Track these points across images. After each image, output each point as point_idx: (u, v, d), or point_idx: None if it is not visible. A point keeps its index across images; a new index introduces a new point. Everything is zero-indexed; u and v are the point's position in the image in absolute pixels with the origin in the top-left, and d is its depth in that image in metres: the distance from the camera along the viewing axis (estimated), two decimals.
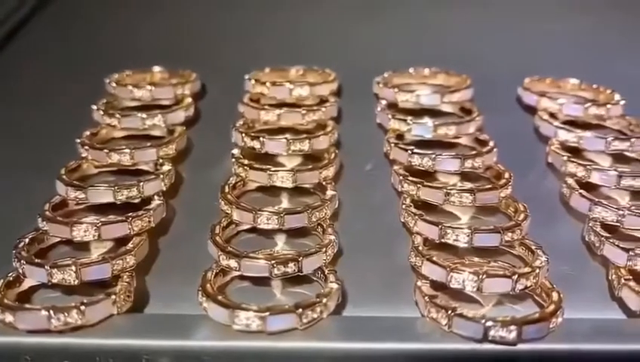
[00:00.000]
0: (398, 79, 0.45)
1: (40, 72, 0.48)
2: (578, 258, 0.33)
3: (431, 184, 0.34)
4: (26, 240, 0.31)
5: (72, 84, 0.46)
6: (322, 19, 0.56)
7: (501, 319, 0.27)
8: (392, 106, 0.42)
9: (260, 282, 0.30)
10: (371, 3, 0.58)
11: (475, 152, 0.37)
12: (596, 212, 0.33)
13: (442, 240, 0.31)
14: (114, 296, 0.28)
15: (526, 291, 0.29)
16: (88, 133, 0.38)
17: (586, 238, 0.33)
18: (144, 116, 0.39)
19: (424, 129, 0.39)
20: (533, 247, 0.31)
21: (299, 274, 0.29)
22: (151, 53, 0.50)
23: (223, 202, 0.33)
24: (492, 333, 0.26)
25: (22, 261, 0.29)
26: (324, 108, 0.40)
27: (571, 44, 0.52)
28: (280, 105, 0.41)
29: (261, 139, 0.36)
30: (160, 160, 0.37)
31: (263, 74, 0.45)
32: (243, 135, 0.37)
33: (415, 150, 0.36)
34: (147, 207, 0.33)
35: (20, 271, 0.29)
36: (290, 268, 0.29)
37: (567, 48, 0.52)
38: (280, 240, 0.33)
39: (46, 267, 0.29)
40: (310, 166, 0.36)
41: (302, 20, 0.55)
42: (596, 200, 0.33)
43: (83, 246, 0.32)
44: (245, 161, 0.35)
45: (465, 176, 0.37)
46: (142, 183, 0.34)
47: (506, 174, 0.35)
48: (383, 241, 0.34)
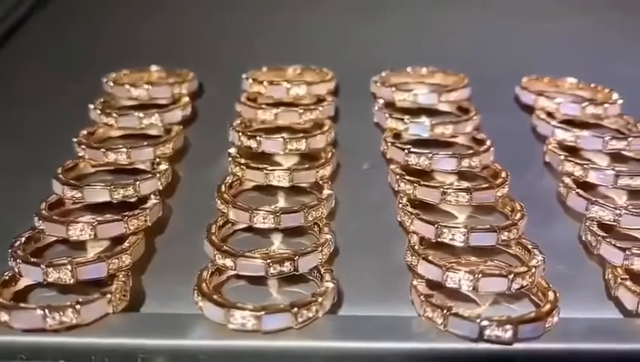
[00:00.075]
0: (396, 78, 0.45)
1: (38, 72, 0.48)
2: (575, 257, 0.33)
3: (427, 183, 0.34)
4: (22, 239, 0.31)
5: (70, 84, 0.46)
6: (320, 18, 0.56)
7: (497, 318, 0.27)
8: (390, 105, 0.42)
9: (256, 281, 0.30)
10: (369, 2, 0.58)
11: (472, 151, 0.37)
12: (593, 211, 0.33)
13: (438, 239, 0.31)
14: (109, 295, 0.28)
15: (522, 290, 0.29)
16: (85, 133, 0.38)
17: (583, 238, 0.33)
18: (141, 115, 0.39)
19: (421, 128, 0.39)
20: (529, 247, 0.31)
21: (295, 273, 0.29)
22: (149, 52, 0.50)
23: (220, 201, 0.33)
24: (487, 333, 0.26)
25: (18, 260, 0.29)
26: (321, 107, 0.40)
27: (571, 44, 0.52)
28: (277, 104, 0.41)
29: (258, 138, 0.36)
30: (157, 159, 0.36)
31: (261, 73, 0.45)
32: (240, 134, 0.37)
33: (412, 149, 0.36)
34: (143, 206, 0.33)
35: (16, 270, 0.29)
36: (286, 267, 0.29)
37: (566, 48, 0.52)
38: (276, 239, 0.33)
39: (42, 266, 0.29)
40: (307, 165, 0.36)
41: (299, 20, 0.55)
42: (593, 199, 0.33)
43: (79, 245, 0.32)
44: (242, 160, 0.35)
45: (462, 176, 0.37)
46: (138, 182, 0.34)
47: (503, 173, 0.35)
48: (380, 240, 0.34)
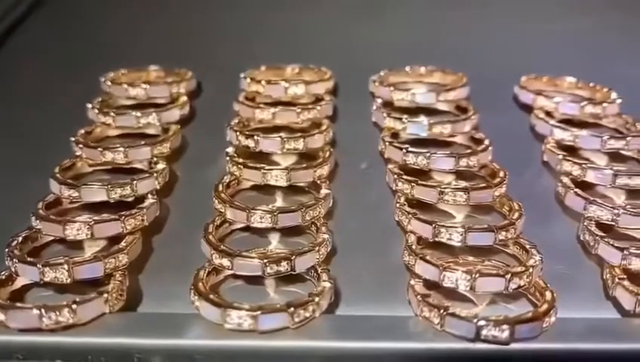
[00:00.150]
0: (394, 77, 0.45)
1: (36, 71, 0.48)
2: (573, 257, 0.33)
3: (425, 182, 0.34)
4: (19, 238, 0.31)
5: (69, 83, 0.46)
6: (318, 18, 0.56)
7: (494, 318, 0.27)
8: (388, 105, 0.42)
9: (254, 281, 0.30)
10: (368, 2, 0.58)
11: (470, 151, 0.36)
12: (591, 211, 0.33)
13: (436, 239, 0.31)
14: (106, 295, 0.28)
15: (520, 290, 0.29)
16: (83, 132, 0.38)
17: (581, 237, 0.33)
18: (139, 115, 0.39)
19: (419, 127, 0.38)
20: (527, 246, 0.31)
21: (292, 272, 0.29)
22: (148, 51, 0.50)
23: (217, 201, 0.33)
24: (484, 332, 0.26)
25: (14, 259, 0.29)
26: (319, 106, 0.40)
27: (570, 44, 0.52)
28: (275, 103, 0.41)
29: (255, 137, 0.36)
30: (154, 158, 0.36)
31: (259, 72, 0.44)
32: (237, 133, 0.37)
33: (410, 148, 0.36)
34: (140, 206, 0.33)
35: (13, 270, 0.29)
36: (282, 267, 0.29)
37: (565, 48, 0.51)
38: (274, 238, 0.33)
39: (38, 265, 0.29)
40: (305, 164, 0.36)
41: (298, 19, 0.55)
42: (591, 199, 0.33)
43: (76, 244, 0.32)
44: (239, 160, 0.35)
45: (460, 175, 0.37)
46: (135, 182, 0.33)
47: (501, 173, 0.35)
48: (378, 240, 0.34)
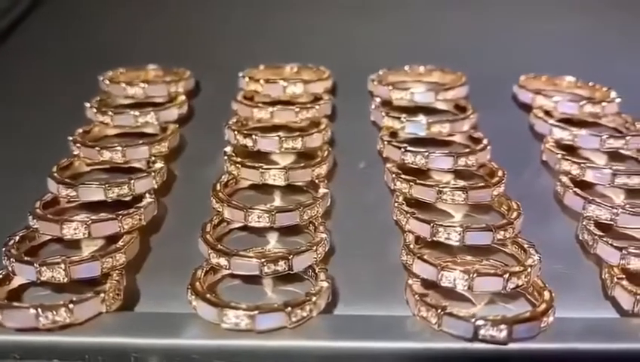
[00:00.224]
0: (393, 77, 0.45)
1: (35, 70, 0.48)
2: (571, 256, 0.33)
3: (423, 182, 0.34)
4: (17, 238, 0.31)
5: (68, 82, 0.46)
6: (317, 17, 0.56)
7: (491, 318, 0.26)
8: (387, 104, 0.42)
9: (251, 280, 0.30)
10: (367, 2, 0.58)
11: (469, 150, 0.36)
12: (590, 210, 0.33)
13: (434, 238, 0.31)
14: (103, 294, 0.28)
15: (518, 290, 0.29)
16: (81, 131, 0.38)
17: (580, 237, 0.33)
18: (137, 114, 0.39)
19: (418, 126, 0.38)
20: (525, 246, 0.31)
21: (289, 272, 0.29)
22: (146, 51, 0.50)
23: (215, 200, 0.33)
24: (482, 332, 0.26)
25: (11, 259, 0.29)
26: (317, 105, 0.40)
27: (570, 44, 0.52)
28: (274, 102, 0.41)
29: (253, 136, 0.36)
30: (152, 157, 0.36)
31: (258, 71, 0.44)
32: (236, 133, 0.37)
33: (408, 148, 0.36)
34: (138, 205, 0.33)
35: (10, 269, 0.29)
36: (280, 267, 0.29)
37: (565, 48, 0.51)
38: (272, 238, 0.33)
39: (35, 265, 0.29)
40: (303, 164, 0.35)
41: (297, 19, 0.55)
42: (590, 198, 0.33)
43: (74, 244, 0.32)
44: (237, 159, 0.35)
45: (458, 174, 0.37)
46: (133, 181, 0.33)
47: (500, 172, 0.35)
48: (376, 239, 0.34)
